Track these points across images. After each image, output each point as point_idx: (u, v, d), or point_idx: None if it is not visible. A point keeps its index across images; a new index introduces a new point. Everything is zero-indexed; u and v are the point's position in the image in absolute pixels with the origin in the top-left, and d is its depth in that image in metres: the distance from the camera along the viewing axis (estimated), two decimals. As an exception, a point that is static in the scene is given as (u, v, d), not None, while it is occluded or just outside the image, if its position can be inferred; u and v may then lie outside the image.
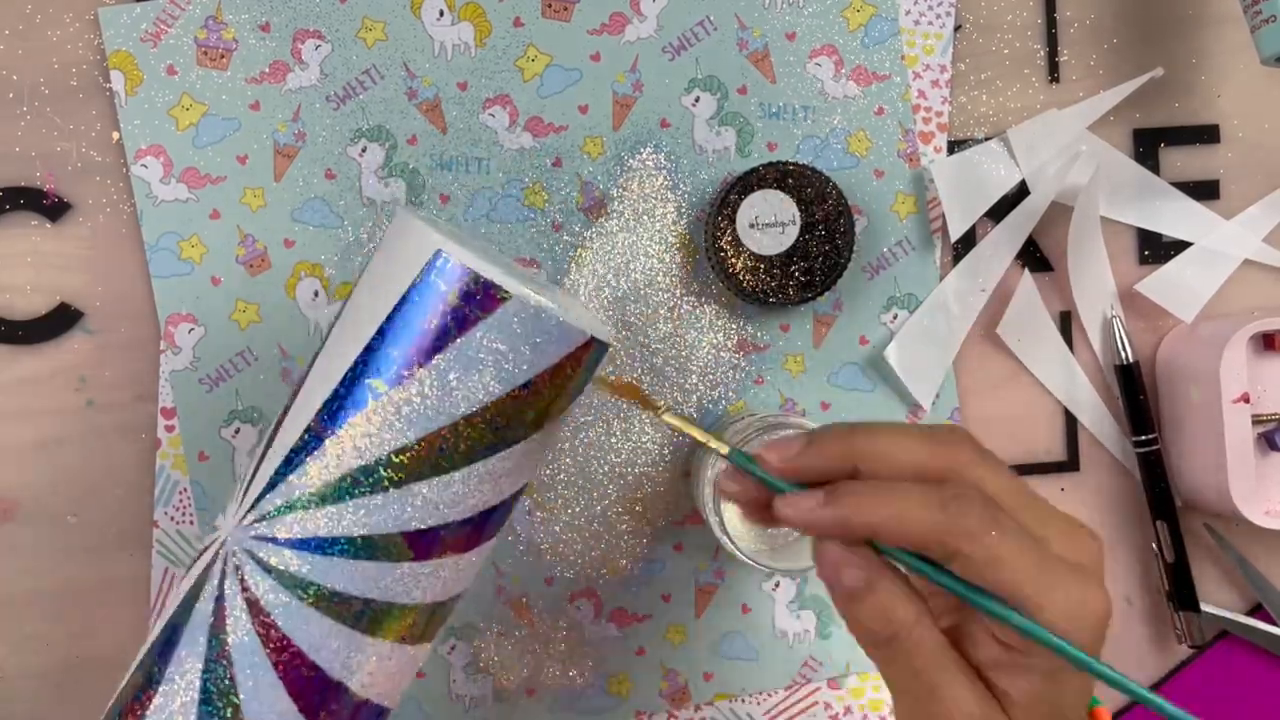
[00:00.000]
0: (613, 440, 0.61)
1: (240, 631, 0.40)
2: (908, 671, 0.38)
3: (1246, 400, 0.58)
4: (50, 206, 0.59)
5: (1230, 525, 0.63)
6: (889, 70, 0.62)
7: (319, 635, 0.41)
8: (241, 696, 0.40)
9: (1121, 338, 0.62)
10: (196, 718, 0.40)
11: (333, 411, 0.41)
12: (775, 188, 0.58)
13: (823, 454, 0.39)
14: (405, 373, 0.40)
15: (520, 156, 0.61)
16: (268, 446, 0.42)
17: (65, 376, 0.60)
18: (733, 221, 0.58)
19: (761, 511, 0.41)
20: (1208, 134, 0.64)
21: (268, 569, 0.40)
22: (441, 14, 0.60)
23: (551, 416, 0.43)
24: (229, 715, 0.40)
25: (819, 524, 0.38)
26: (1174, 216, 0.63)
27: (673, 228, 0.61)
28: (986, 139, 0.62)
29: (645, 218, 0.61)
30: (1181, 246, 0.63)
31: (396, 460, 0.40)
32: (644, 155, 0.61)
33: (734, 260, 0.58)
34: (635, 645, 0.62)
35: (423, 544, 0.41)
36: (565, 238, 0.61)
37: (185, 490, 0.60)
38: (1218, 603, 0.64)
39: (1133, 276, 0.63)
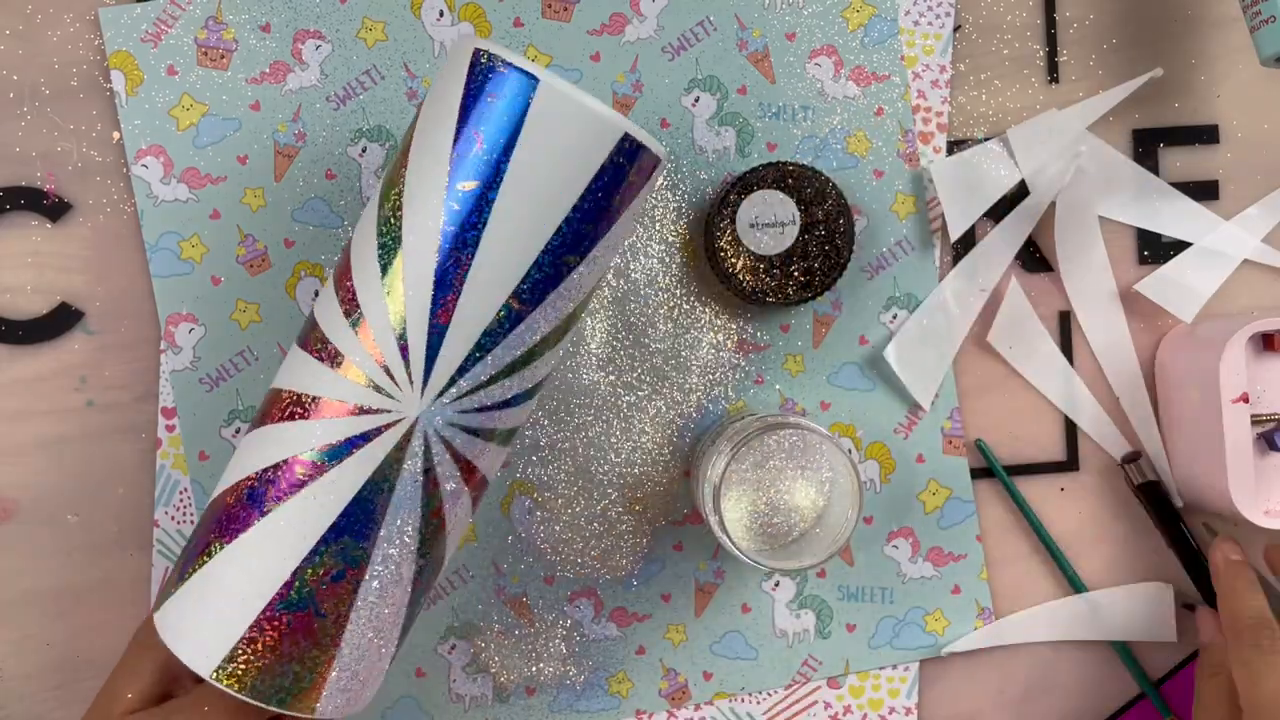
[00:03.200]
0: (613, 440, 0.61)
1: (449, 483, 0.46)
2: None
3: (1246, 400, 0.58)
4: (50, 206, 0.59)
5: (1230, 525, 0.63)
6: (889, 70, 0.62)
7: (492, 458, 0.47)
8: (447, 529, 0.47)
9: None
10: (414, 570, 0.46)
11: (533, 289, 0.44)
12: (775, 188, 0.58)
13: None
14: (591, 249, 0.45)
15: (520, 156, 0.61)
16: (440, 324, 0.44)
17: (65, 376, 0.60)
18: (733, 221, 0.58)
19: None
20: (1207, 134, 0.64)
21: (471, 430, 0.46)
22: (441, 14, 0.60)
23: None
24: (436, 529, 0.46)
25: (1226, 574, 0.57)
26: (1173, 216, 0.63)
27: (673, 228, 0.61)
28: (986, 139, 0.62)
29: (645, 218, 0.61)
30: (1181, 246, 0.63)
31: (566, 321, 0.47)
32: (644, 155, 0.61)
33: (734, 260, 0.58)
34: (635, 645, 0.62)
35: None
36: (565, 238, 0.61)
37: (185, 490, 0.60)
38: (1217, 602, 0.64)
39: (1133, 276, 0.63)
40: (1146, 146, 0.63)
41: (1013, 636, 0.63)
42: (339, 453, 0.44)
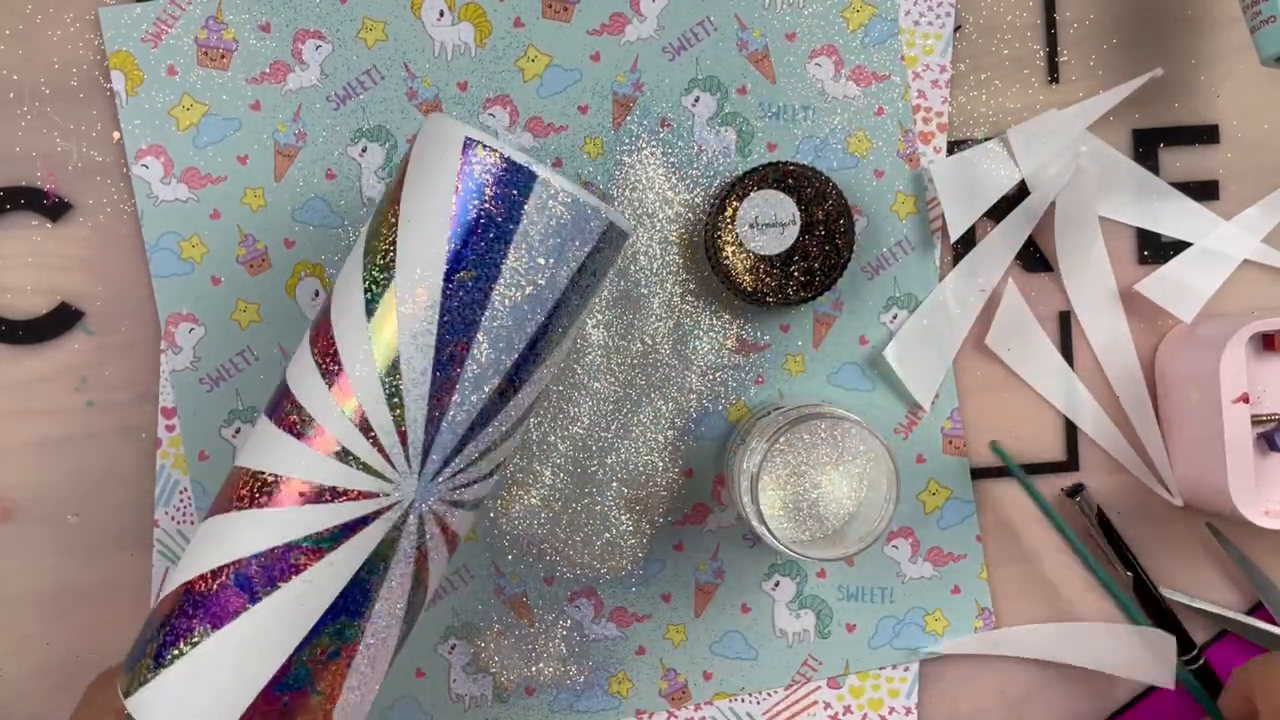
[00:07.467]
0: (612, 440, 0.61)
1: (436, 553, 0.47)
2: None
3: (1246, 400, 0.58)
4: (51, 206, 0.59)
5: (1230, 525, 0.63)
6: (889, 70, 0.62)
7: (468, 522, 0.48)
8: (428, 592, 0.48)
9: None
10: (399, 635, 0.47)
11: (525, 369, 0.46)
12: (775, 188, 0.58)
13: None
14: (573, 324, 0.47)
15: (520, 156, 0.61)
16: (437, 408, 0.45)
17: (65, 376, 0.60)
18: (733, 221, 0.58)
19: None
20: (1207, 134, 0.64)
21: (459, 504, 0.47)
22: (442, 14, 0.60)
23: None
24: (421, 595, 0.47)
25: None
26: (1174, 216, 0.63)
27: (672, 228, 0.61)
28: (986, 139, 0.62)
29: (645, 218, 0.61)
30: (1181, 246, 0.63)
31: (545, 390, 0.48)
32: (644, 155, 0.61)
33: (734, 260, 0.58)
34: (635, 645, 0.62)
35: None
36: (565, 238, 0.61)
37: (185, 490, 0.60)
38: (1218, 602, 0.64)
39: (1133, 276, 0.63)
40: (1146, 146, 0.63)
41: (1008, 649, 0.63)
42: (336, 537, 0.44)
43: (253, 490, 0.45)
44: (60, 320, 0.60)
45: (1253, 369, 0.60)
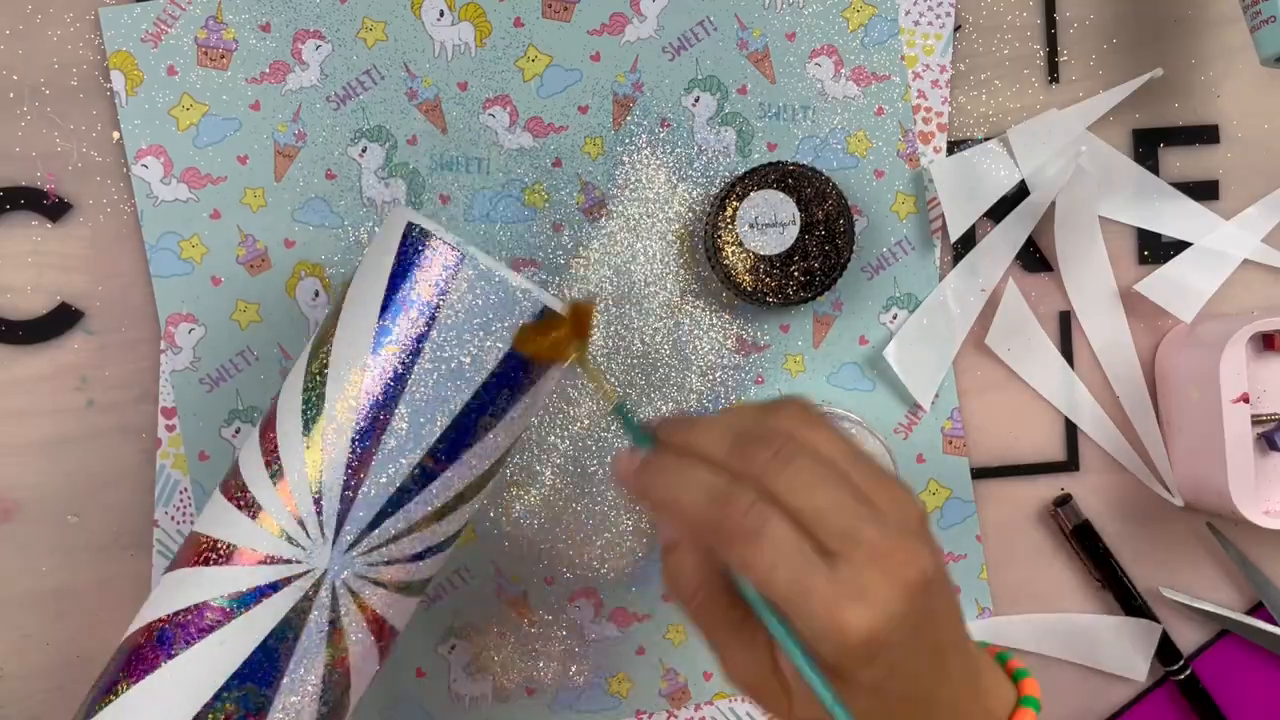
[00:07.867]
0: (613, 440, 0.61)
1: (355, 633, 0.47)
2: (696, 628, 0.41)
3: (1246, 400, 0.58)
4: (50, 206, 0.59)
5: (1230, 525, 0.63)
6: (889, 70, 0.62)
7: (405, 611, 0.49)
8: (352, 677, 0.47)
9: None
10: (315, 715, 0.46)
11: (449, 449, 0.46)
12: (775, 188, 0.58)
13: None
14: (508, 411, 0.47)
15: (520, 156, 0.61)
16: (355, 479, 0.45)
17: (65, 376, 0.60)
18: (733, 221, 0.58)
19: None
20: (1207, 134, 0.64)
21: (380, 583, 0.47)
22: (442, 14, 0.60)
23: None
24: (340, 678, 0.47)
25: (627, 487, 0.40)
26: (1174, 217, 0.63)
27: (673, 228, 0.61)
28: (986, 139, 0.62)
29: (645, 218, 0.61)
30: (1181, 246, 0.63)
31: (482, 478, 0.48)
32: (644, 155, 0.61)
33: (734, 260, 0.58)
34: (635, 645, 0.62)
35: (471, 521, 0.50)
36: (565, 238, 0.61)
37: (185, 490, 0.60)
38: (1218, 601, 0.64)
39: (1132, 276, 0.63)
40: (1146, 146, 0.63)
41: (1000, 638, 0.63)
42: (247, 600, 0.45)
43: (199, 553, 0.47)
44: (60, 320, 0.60)
45: (1253, 369, 0.60)
